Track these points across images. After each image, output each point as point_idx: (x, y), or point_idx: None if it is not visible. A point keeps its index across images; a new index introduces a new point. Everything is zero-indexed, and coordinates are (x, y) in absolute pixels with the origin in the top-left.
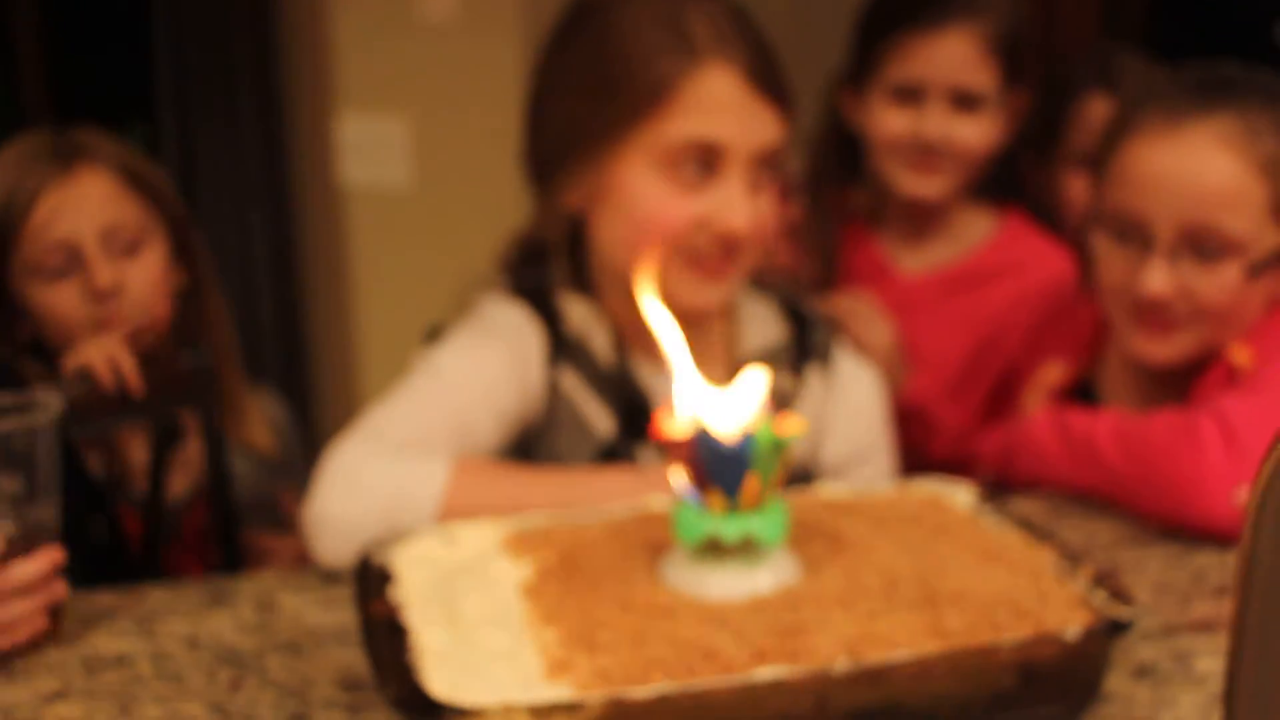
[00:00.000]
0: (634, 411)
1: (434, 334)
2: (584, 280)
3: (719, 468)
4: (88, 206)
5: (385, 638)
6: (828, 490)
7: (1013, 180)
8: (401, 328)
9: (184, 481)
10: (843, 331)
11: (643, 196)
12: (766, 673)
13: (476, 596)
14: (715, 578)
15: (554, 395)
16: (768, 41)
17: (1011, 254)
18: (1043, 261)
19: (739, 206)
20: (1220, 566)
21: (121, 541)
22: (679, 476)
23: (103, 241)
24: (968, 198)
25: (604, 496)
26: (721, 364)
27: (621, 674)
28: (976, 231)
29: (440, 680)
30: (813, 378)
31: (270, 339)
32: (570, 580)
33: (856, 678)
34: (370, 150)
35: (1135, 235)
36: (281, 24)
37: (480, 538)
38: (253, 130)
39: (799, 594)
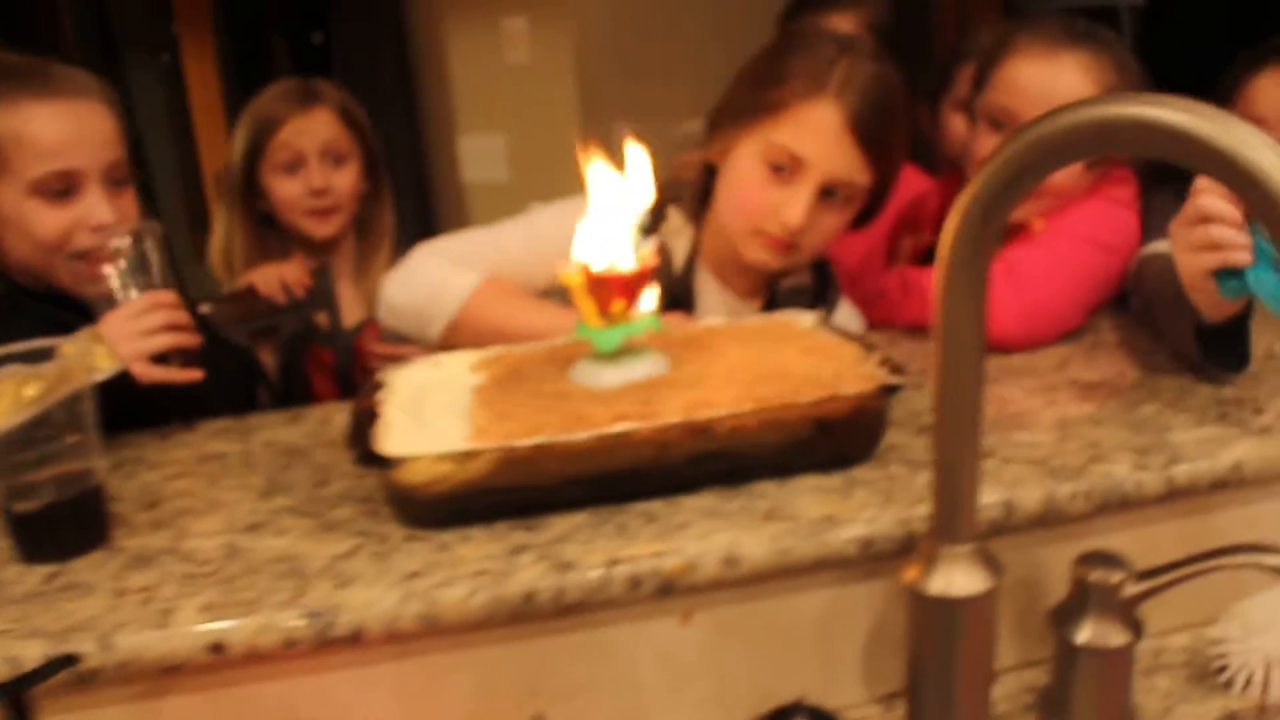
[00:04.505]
0: (677, 305)
1: None
2: (697, 207)
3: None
4: (315, 132)
5: (362, 422)
6: (712, 320)
7: None
8: None
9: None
10: None
11: (741, 173)
12: (618, 427)
13: (440, 395)
14: (605, 372)
15: None
16: (893, 107)
17: None
18: (911, 184)
19: (797, 208)
20: (1000, 366)
21: (277, 402)
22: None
23: (320, 154)
24: None
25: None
26: (764, 292)
27: (519, 435)
28: None
29: (392, 444)
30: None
31: None
32: (508, 383)
33: (687, 430)
34: (481, 157)
35: (1008, 128)
36: (419, 78)
37: (458, 361)
38: (403, 147)
39: (662, 380)
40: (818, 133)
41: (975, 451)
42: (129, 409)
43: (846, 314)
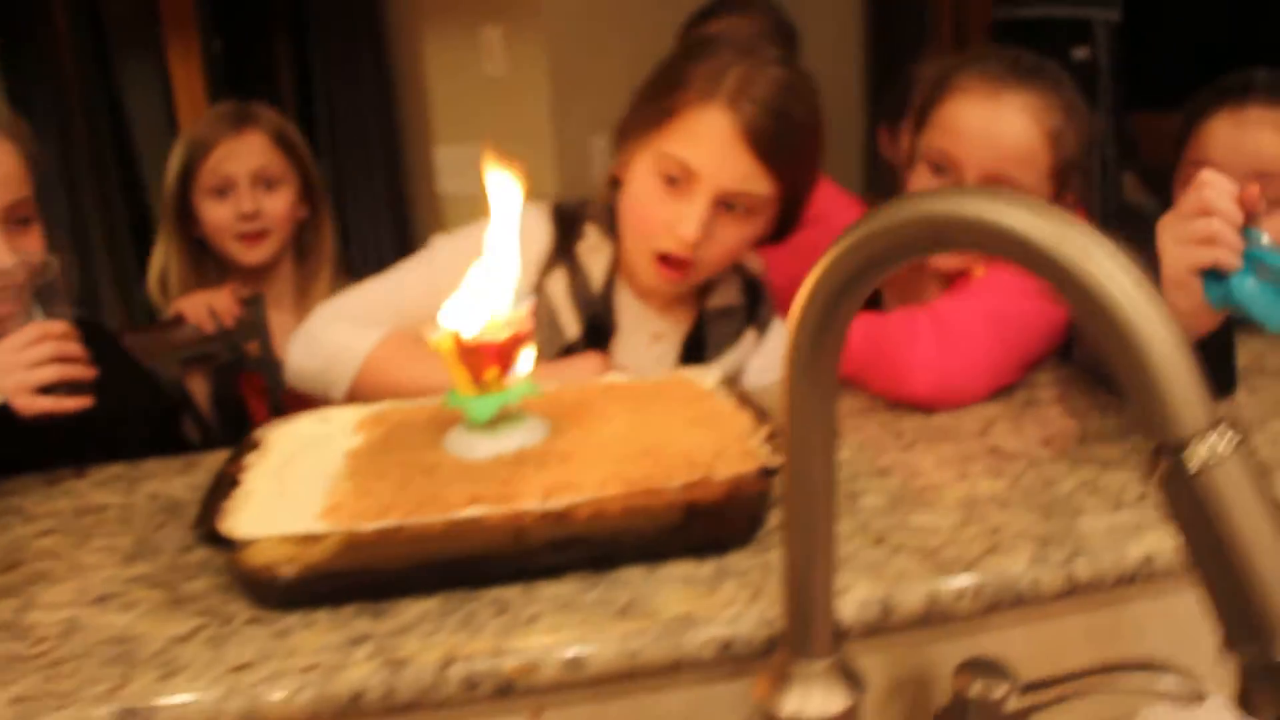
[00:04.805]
0: (599, 326)
1: None
2: (611, 224)
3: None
4: (246, 156)
5: (220, 490)
6: (611, 378)
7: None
8: None
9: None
10: None
11: (637, 187)
12: (471, 511)
13: (311, 459)
14: (479, 442)
15: (539, 295)
16: (796, 116)
17: (819, 208)
18: (842, 211)
19: (691, 221)
20: (919, 428)
21: (206, 432)
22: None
23: (251, 179)
24: None
25: None
26: (690, 310)
27: (371, 515)
28: None
29: (242, 520)
30: (749, 337)
31: None
32: (381, 449)
33: (544, 517)
34: (458, 168)
35: (949, 172)
36: (396, 89)
37: (345, 418)
38: (379, 160)
39: (532, 454)
40: (709, 141)
41: (829, 560)
42: (17, 446)
43: (778, 335)
